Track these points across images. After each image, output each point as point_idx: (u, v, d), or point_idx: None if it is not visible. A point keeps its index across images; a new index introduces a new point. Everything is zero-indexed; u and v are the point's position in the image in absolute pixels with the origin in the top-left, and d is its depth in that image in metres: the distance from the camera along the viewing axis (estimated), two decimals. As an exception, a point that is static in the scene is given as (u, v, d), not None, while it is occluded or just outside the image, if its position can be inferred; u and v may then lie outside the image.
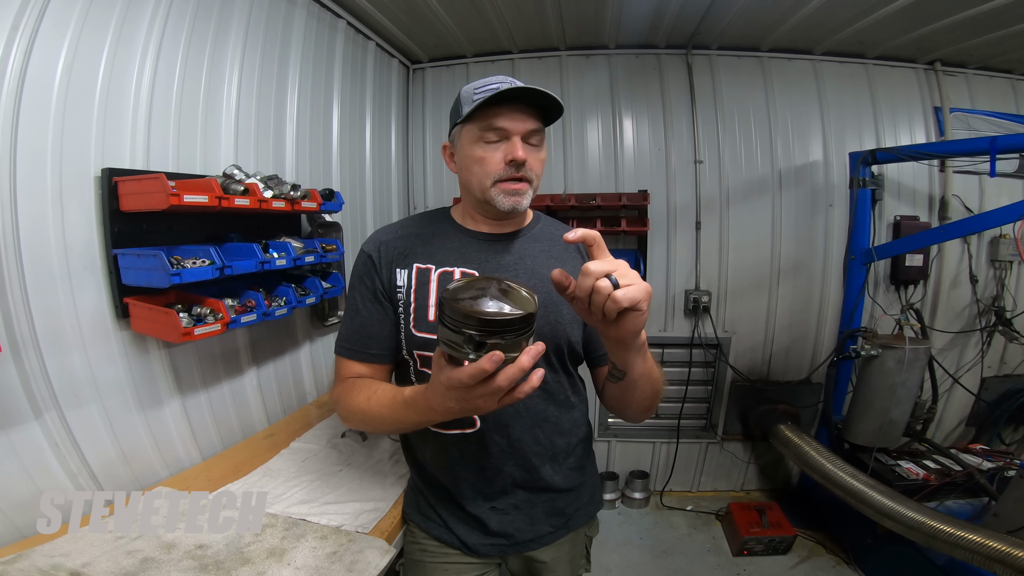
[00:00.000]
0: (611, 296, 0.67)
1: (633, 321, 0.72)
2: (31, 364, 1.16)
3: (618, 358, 0.85)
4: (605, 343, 0.84)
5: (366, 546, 1.11)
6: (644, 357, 0.86)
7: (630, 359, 0.84)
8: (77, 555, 1.01)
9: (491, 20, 2.60)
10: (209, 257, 1.35)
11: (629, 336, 0.76)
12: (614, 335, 0.76)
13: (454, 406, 0.72)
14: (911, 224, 2.89)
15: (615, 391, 0.97)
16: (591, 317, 0.73)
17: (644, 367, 0.88)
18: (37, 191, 1.17)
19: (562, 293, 0.73)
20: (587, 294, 0.68)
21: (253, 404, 1.84)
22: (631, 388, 0.91)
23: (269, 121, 1.91)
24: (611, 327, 0.74)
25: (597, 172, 3.08)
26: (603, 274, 0.67)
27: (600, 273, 0.67)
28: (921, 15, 2.39)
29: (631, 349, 0.81)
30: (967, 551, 1.76)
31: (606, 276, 0.67)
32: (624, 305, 0.67)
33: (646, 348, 0.86)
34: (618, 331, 0.74)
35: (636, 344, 0.81)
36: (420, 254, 1.05)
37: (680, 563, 2.68)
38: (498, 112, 0.93)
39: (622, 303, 0.67)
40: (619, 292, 0.67)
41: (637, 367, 0.86)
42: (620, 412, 1.05)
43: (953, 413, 3.14)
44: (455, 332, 0.62)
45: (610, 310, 0.68)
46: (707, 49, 2.97)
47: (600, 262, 0.69)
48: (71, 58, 1.22)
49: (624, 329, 0.73)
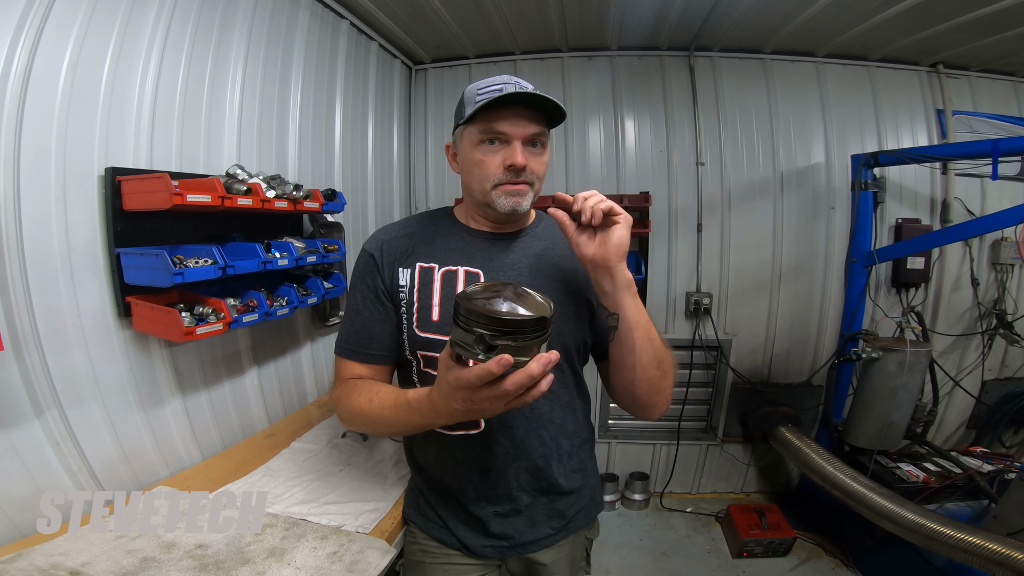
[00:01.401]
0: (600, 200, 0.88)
1: (618, 233, 0.88)
2: (33, 362, 1.16)
3: (609, 298, 0.91)
4: (596, 284, 0.93)
5: (366, 546, 1.11)
6: (635, 301, 0.92)
7: (619, 296, 0.90)
8: (77, 554, 1.01)
9: (494, 21, 2.60)
10: (211, 257, 1.35)
11: (615, 251, 0.88)
12: (602, 253, 0.88)
13: (459, 408, 0.72)
14: (913, 227, 2.89)
15: (616, 354, 0.97)
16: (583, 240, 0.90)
17: (637, 313, 0.92)
18: (41, 190, 1.17)
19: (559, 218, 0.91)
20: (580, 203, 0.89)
21: (254, 404, 1.84)
22: (629, 344, 0.93)
23: (272, 121, 1.91)
24: (599, 247, 0.89)
25: (599, 173, 3.08)
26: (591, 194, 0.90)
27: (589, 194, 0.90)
28: (924, 18, 2.39)
29: (619, 280, 0.90)
30: (967, 553, 1.76)
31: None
32: (611, 205, 0.88)
33: (635, 290, 0.93)
34: (606, 247, 0.88)
35: (623, 276, 0.90)
36: (423, 253, 1.05)
37: (680, 565, 2.67)
38: (499, 116, 0.92)
39: (610, 204, 0.88)
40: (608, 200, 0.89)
41: (629, 307, 0.91)
42: (629, 387, 1.00)
43: (953, 416, 3.14)
44: (466, 331, 0.62)
45: (599, 206, 0.87)
46: (709, 51, 2.97)
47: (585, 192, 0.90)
48: (75, 58, 1.22)
49: (611, 242, 0.88)
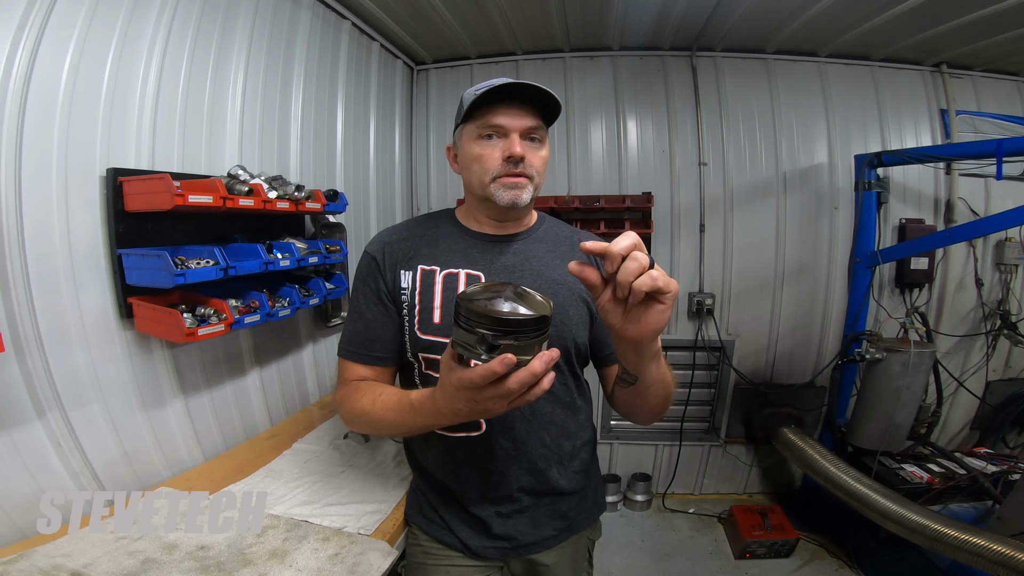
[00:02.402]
0: (647, 272, 0.65)
1: (657, 316, 0.69)
2: (34, 364, 1.15)
3: (631, 364, 0.83)
4: (618, 348, 0.83)
5: (368, 548, 1.11)
6: (658, 364, 0.85)
7: (643, 366, 0.82)
8: (78, 555, 1.01)
9: (495, 21, 2.59)
10: (213, 257, 1.34)
11: (648, 335, 0.72)
12: (633, 333, 0.72)
13: (463, 408, 0.72)
14: (916, 227, 2.88)
15: (626, 396, 0.96)
16: (613, 309, 0.71)
17: (658, 373, 0.86)
18: (42, 190, 1.17)
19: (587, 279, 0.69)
20: (617, 264, 0.65)
21: (256, 405, 1.84)
22: (643, 394, 0.90)
23: (274, 121, 1.91)
24: (631, 324, 0.71)
25: (601, 174, 3.07)
26: (631, 249, 0.65)
27: (629, 248, 0.65)
28: (928, 17, 2.38)
29: (646, 355, 0.79)
30: (971, 555, 1.75)
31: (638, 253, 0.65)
32: (659, 284, 0.65)
33: (660, 354, 0.84)
34: (638, 328, 0.71)
35: (652, 350, 0.78)
36: (424, 256, 1.05)
37: (682, 566, 2.67)
38: (496, 110, 0.94)
39: (658, 281, 0.65)
40: (655, 271, 0.65)
41: (650, 373, 0.84)
42: (630, 416, 1.04)
43: (957, 417, 3.12)
44: (468, 332, 0.62)
45: (642, 284, 0.65)
46: (712, 51, 2.96)
47: (623, 237, 0.65)
48: (77, 58, 1.22)
49: (646, 325, 0.70)
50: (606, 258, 0.66)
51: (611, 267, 0.66)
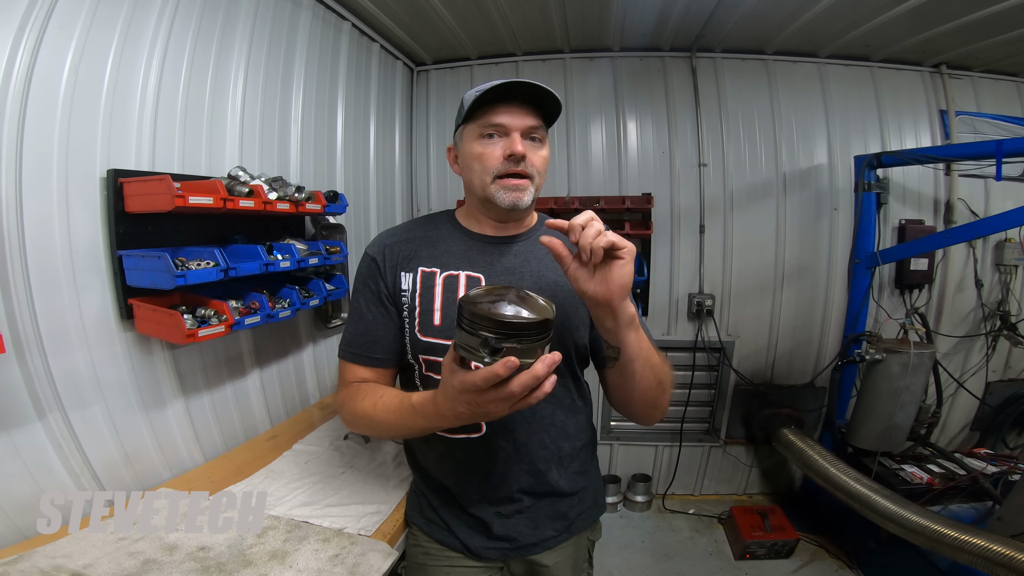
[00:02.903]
0: (601, 232, 0.76)
1: (620, 271, 0.78)
2: (35, 365, 1.16)
3: (610, 333, 0.87)
4: (596, 319, 0.87)
5: (368, 549, 1.11)
6: (637, 334, 0.88)
7: (621, 333, 0.85)
8: (79, 556, 1.01)
9: (495, 22, 2.60)
10: (213, 259, 1.34)
11: (617, 291, 0.79)
12: (603, 293, 0.79)
13: (464, 411, 0.72)
14: (916, 228, 2.88)
15: (615, 379, 0.97)
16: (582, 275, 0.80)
17: (639, 345, 0.88)
18: (43, 192, 1.17)
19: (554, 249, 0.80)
20: (578, 234, 0.77)
21: (256, 406, 1.84)
22: (629, 372, 0.91)
23: (274, 123, 1.91)
24: (599, 285, 0.79)
25: (601, 175, 3.07)
26: (588, 220, 0.78)
27: (586, 219, 0.78)
28: (927, 18, 2.38)
29: (621, 319, 0.83)
30: (971, 555, 1.75)
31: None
32: (613, 239, 0.76)
33: (637, 324, 0.88)
34: (607, 286, 0.79)
35: (626, 314, 0.83)
36: (425, 257, 1.05)
37: (682, 566, 2.67)
38: (496, 109, 0.95)
39: (612, 238, 0.76)
40: (610, 233, 0.77)
41: (631, 343, 0.87)
42: (626, 405, 1.02)
43: (957, 417, 3.12)
44: (471, 335, 0.62)
45: (599, 242, 0.75)
46: (711, 52, 2.97)
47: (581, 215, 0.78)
48: (78, 59, 1.22)
49: (612, 281, 0.78)
50: (569, 231, 0.78)
51: (574, 237, 0.77)
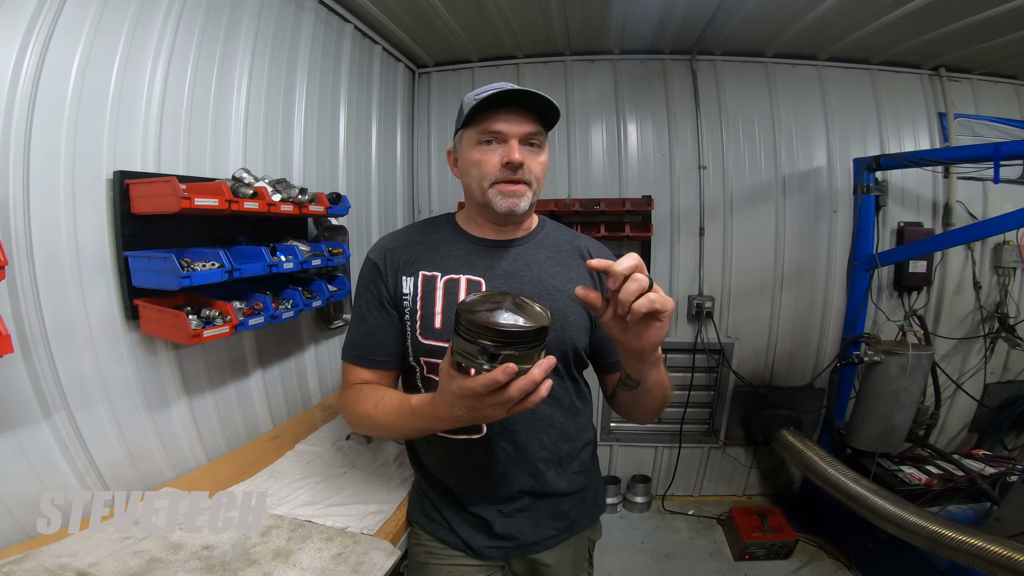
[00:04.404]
0: (646, 294, 0.69)
1: (656, 331, 0.75)
2: (41, 365, 1.17)
3: (633, 369, 0.88)
4: (622, 355, 0.87)
5: (371, 548, 1.12)
6: (658, 368, 0.90)
7: (645, 371, 0.87)
8: (84, 555, 1.02)
9: (496, 25, 2.61)
10: (218, 260, 1.35)
11: (649, 347, 0.79)
12: (635, 346, 0.78)
13: (463, 415, 0.73)
14: (915, 230, 2.89)
15: (627, 398, 1.00)
16: (615, 324, 0.76)
17: (658, 377, 0.91)
18: (50, 193, 1.18)
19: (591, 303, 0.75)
20: (619, 283, 0.70)
21: (259, 406, 1.84)
22: (643, 396, 0.94)
23: (277, 124, 1.92)
24: (632, 337, 0.77)
25: (601, 177, 3.08)
26: (633, 270, 0.69)
27: (631, 269, 0.69)
28: (926, 21, 2.39)
29: (647, 362, 0.85)
30: (969, 556, 1.76)
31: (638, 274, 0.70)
32: (656, 306, 0.70)
33: (660, 360, 0.89)
34: (639, 342, 0.77)
35: (653, 357, 0.85)
36: (426, 261, 1.06)
37: (682, 567, 2.67)
38: (495, 116, 0.95)
39: (655, 303, 0.69)
40: (652, 294, 0.70)
41: (651, 377, 0.89)
42: (629, 416, 1.08)
43: (956, 419, 3.13)
44: (470, 343, 0.63)
45: (640, 306, 0.69)
46: (712, 55, 2.98)
47: (626, 258, 0.69)
48: (84, 61, 1.23)
49: (646, 339, 0.76)
50: (609, 275, 0.70)
51: (613, 284, 0.70)
